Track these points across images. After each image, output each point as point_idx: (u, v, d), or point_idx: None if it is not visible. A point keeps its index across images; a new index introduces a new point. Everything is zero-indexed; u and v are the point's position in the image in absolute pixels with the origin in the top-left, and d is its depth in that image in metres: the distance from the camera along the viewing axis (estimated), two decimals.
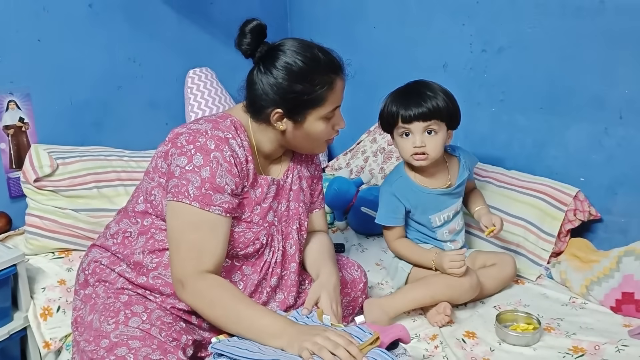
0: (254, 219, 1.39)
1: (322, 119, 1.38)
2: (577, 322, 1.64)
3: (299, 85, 1.33)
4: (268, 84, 1.34)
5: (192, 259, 1.28)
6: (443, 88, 1.72)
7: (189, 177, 1.27)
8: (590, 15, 1.93)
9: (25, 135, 1.98)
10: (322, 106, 1.36)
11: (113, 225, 1.48)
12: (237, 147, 1.33)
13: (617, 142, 1.96)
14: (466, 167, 1.83)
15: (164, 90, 2.38)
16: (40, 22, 1.95)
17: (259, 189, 1.41)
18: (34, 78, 1.97)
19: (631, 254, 1.73)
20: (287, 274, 1.47)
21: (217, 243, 1.30)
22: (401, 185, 1.79)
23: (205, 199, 1.27)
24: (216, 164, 1.28)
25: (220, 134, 1.32)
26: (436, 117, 1.66)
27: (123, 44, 2.20)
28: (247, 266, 1.41)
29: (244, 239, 1.37)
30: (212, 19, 2.51)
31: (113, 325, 1.27)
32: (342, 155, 2.67)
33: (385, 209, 1.81)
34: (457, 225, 1.83)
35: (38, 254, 1.82)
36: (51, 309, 1.67)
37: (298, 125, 1.38)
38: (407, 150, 1.71)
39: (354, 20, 2.60)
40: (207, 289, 1.27)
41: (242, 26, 1.37)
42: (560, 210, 1.95)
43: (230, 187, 1.30)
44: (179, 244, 1.29)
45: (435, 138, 1.69)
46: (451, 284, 1.64)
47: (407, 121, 1.67)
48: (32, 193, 1.85)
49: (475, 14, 2.20)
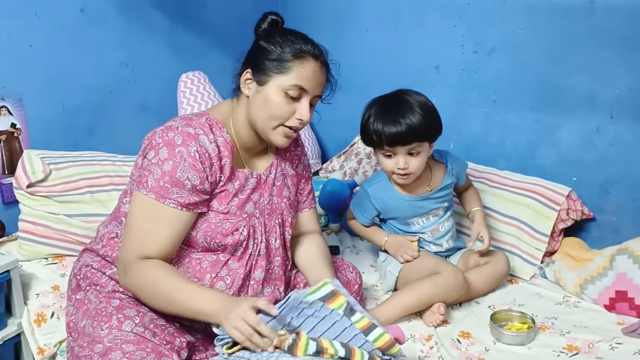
0: (231, 209, 1.40)
1: (284, 91, 1.36)
2: (571, 320, 1.65)
3: (271, 47, 1.38)
4: (251, 50, 1.44)
5: (138, 246, 1.31)
6: (422, 101, 1.69)
7: (151, 169, 1.31)
8: (580, 16, 1.94)
9: (18, 141, 1.97)
10: (285, 75, 1.36)
11: (101, 229, 1.50)
12: (208, 143, 1.35)
13: (609, 142, 1.97)
14: (452, 174, 1.82)
15: (157, 94, 2.38)
16: (31, 27, 1.95)
17: (237, 182, 1.42)
18: (26, 83, 1.96)
19: (624, 252, 1.74)
20: (272, 267, 1.48)
21: (167, 235, 1.31)
22: (379, 188, 1.81)
23: (162, 192, 1.30)
24: (179, 159, 1.30)
25: (190, 130, 1.34)
26: (416, 140, 1.66)
27: (115, 48, 2.20)
28: (234, 261, 1.41)
29: (221, 229, 1.38)
30: (205, 23, 2.51)
31: (106, 330, 1.27)
32: (336, 158, 2.67)
33: (357, 202, 1.88)
34: (442, 228, 1.83)
35: (31, 260, 1.81)
36: (45, 315, 1.66)
37: (259, 89, 1.38)
38: (389, 169, 1.72)
39: (346, 23, 2.60)
40: (146, 271, 1.29)
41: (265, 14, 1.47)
42: (553, 210, 1.96)
43: (191, 183, 1.32)
44: (130, 230, 1.33)
45: (418, 158, 1.69)
46: (437, 282, 1.65)
47: (391, 145, 1.67)
48: (25, 199, 1.84)
49: (466, 16, 2.22)
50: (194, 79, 2.40)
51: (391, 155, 1.70)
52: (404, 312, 1.66)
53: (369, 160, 2.51)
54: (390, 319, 1.63)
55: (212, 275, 1.39)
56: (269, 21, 1.45)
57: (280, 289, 1.49)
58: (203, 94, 2.37)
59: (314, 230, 1.66)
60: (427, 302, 1.65)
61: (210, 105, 2.36)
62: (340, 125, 2.70)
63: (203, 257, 1.40)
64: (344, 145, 2.67)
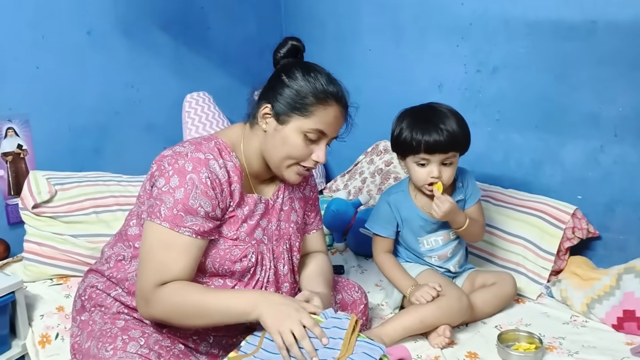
0: (241, 235, 1.39)
1: (303, 133, 1.36)
2: (579, 340, 1.63)
3: (295, 86, 1.35)
4: (271, 82, 1.40)
5: (157, 277, 1.29)
6: (454, 111, 1.70)
7: (163, 198, 1.29)
8: (582, 35, 1.96)
9: (24, 162, 1.98)
10: (307, 118, 1.35)
11: (107, 250, 1.49)
12: (217, 168, 1.34)
13: (613, 160, 1.97)
14: (461, 191, 1.80)
15: (162, 114, 2.40)
16: (39, 49, 1.97)
17: (246, 207, 1.41)
18: (32, 105, 1.98)
19: (631, 271, 1.73)
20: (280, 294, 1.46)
21: (184, 264, 1.30)
22: (399, 198, 1.80)
23: (176, 220, 1.28)
24: (191, 186, 1.29)
25: (200, 155, 1.33)
26: (454, 149, 1.66)
27: (121, 69, 2.22)
28: (240, 286, 1.41)
29: (230, 256, 1.37)
30: (209, 44, 2.54)
31: (111, 351, 1.26)
32: (340, 177, 2.67)
33: (376, 216, 1.83)
34: (449, 253, 1.82)
35: (36, 281, 1.81)
36: (49, 336, 1.65)
37: (279, 128, 1.37)
38: (422, 178, 1.70)
39: (349, 43, 2.63)
40: (168, 295, 1.28)
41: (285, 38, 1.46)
42: (559, 229, 1.95)
43: (204, 210, 1.31)
44: (146, 261, 1.31)
45: (450, 168, 1.69)
46: (441, 305, 1.63)
47: (430, 152, 1.65)
48: (30, 219, 1.85)
49: (469, 36, 2.23)
50: (199, 99, 2.42)
51: (425, 164, 1.68)
52: (406, 334, 1.65)
53: (373, 179, 2.51)
54: (393, 340, 1.62)
55: None
56: (289, 47, 1.43)
57: None
58: (207, 114, 2.39)
59: (320, 250, 1.65)
60: (430, 325, 1.64)
61: (215, 125, 2.38)
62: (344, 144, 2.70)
63: (210, 282, 1.39)
64: (348, 165, 2.68)
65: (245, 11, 2.64)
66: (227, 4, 2.56)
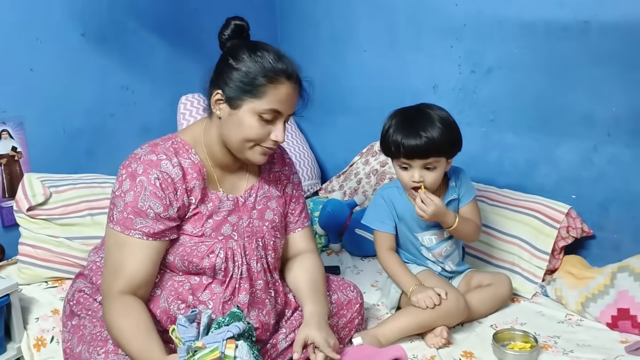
0: (206, 232, 1.39)
1: (257, 115, 1.33)
2: (574, 339, 1.64)
3: (243, 68, 1.33)
4: (219, 67, 1.38)
5: (113, 279, 1.31)
6: (443, 116, 1.67)
7: (115, 202, 1.33)
8: (575, 36, 1.97)
9: (18, 164, 1.98)
10: (260, 99, 1.33)
11: (92, 254, 1.52)
12: (170, 168, 1.34)
13: (607, 159, 1.98)
14: (454, 191, 1.80)
15: (157, 116, 2.39)
16: (33, 51, 1.97)
17: (210, 204, 1.41)
18: (27, 107, 1.98)
19: (625, 269, 1.74)
20: (254, 291, 1.45)
21: (137, 266, 1.31)
22: (393, 193, 1.80)
23: (126, 223, 1.31)
24: (140, 188, 1.31)
25: (153, 157, 1.33)
26: (435, 155, 1.64)
27: (115, 71, 2.22)
28: (217, 284, 1.40)
29: (197, 252, 1.37)
30: (204, 45, 2.52)
31: (103, 354, 1.27)
32: (335, 178, 2.68)
33: (373, 211, 1.82)
34: (443, 251, 1.82)
35: (31, 284, 1.81)
36: (45, 340, 1.64)
37: (233, 112, 1.35)
38: (405, 181, 1.70)
39: (344, 44, 2.63)
40: (116, 316, 1.26)
41: (228, 19, 1.41)
42: (553, 228, 1.96)
43: (154, 211, 1.31)
44: (105, 262, 1.35)
45: (434, 173, 1.67)
46: (437, 307, 1.62)
47: (408, 157, 1.65)
48: (25, 222, 1.84)
49: (463, 36, 2.24)
50: (194, 101, 2.42)
51: (407, 168, 1.68)
52: (402, 335, 1.65)
53: (368, 180, 2.52)
54: (390, 341, 1.62)
55: (194, 297, 1.38)
56: (233, 27, 1.40)
57: (263, 312, 1.45)
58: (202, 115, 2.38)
59: (307, 249, 1.63)
60: (426, 327, 1.64)
61: None
62: (339, 145, 2.71)
63: (185, 280, 1.39)
64: (343, 166, 2.68)
65: (239, 13, 2.61)
66: (221, 6, 2.56)
